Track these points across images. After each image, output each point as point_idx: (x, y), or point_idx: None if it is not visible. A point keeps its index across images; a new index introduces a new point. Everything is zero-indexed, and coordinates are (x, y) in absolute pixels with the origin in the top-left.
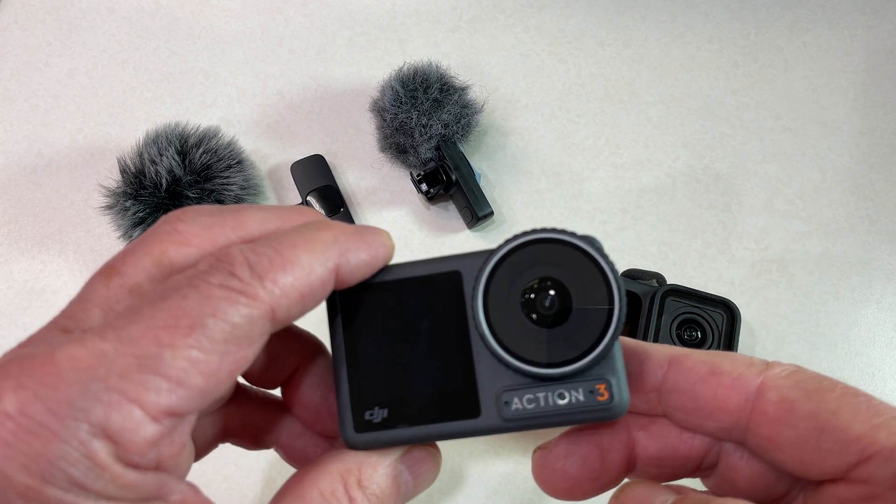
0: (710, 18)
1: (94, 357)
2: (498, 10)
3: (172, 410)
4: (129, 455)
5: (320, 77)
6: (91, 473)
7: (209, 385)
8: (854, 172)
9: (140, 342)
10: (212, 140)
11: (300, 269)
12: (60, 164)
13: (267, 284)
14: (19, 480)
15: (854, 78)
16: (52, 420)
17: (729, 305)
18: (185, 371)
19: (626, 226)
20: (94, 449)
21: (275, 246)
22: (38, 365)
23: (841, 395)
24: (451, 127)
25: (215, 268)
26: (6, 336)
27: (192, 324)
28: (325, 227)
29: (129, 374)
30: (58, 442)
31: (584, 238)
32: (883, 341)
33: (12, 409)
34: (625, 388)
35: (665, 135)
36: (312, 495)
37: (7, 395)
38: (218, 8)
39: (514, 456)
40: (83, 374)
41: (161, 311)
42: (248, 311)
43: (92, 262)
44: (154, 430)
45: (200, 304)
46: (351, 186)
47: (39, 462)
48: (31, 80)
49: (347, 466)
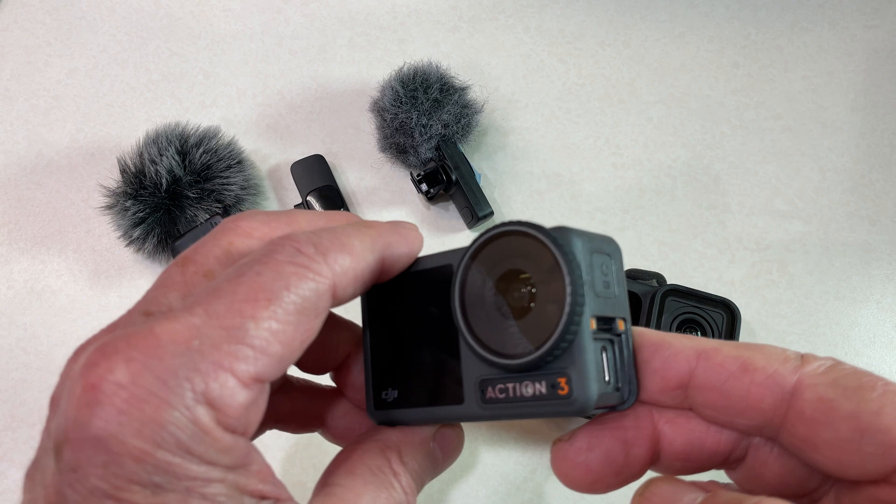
0: (710, 18)
1: (189, 330)
2: (498, 10)
3: (259, 377)
4: (228, 419)
5: (320, 77)
6: (196, 437)
7: (286, 353)
8: (854, 172)
9: (226, 315)
10: (212, 140)
11: (355, 253)
12: (60, 164)
13: (329, 261)
14: (134, 445)
15: (854, 78)
16: (162, 388)
17: (729, 305)
18: (267, 340)
19: (626, 226)
20: (199, 414)
21: (332, 231)
22: (141, 340)
23: (882, 393)
24: (451, 127)
25: (282, 246)
26: (6, 336)
27: (270, 297)
28: (370, 223)
29: (221, 344)
30: (167, 408)
31: (547, 229)
32: (883, 341)
33: (125, 380)
34: (590, 383)
35: (665, 135)
36: (362, 470)
37: (118, 366)
38: (218, 8)
39: (515, 456)
40: (182, 346)
41: (240, 286)
42: (315, 284)
43: (92, 262)
44: (246, 395)
45: (273, 279)
46: (351, 186)
47: (152, 427)
48: (31, 80)
49: (389, 444)
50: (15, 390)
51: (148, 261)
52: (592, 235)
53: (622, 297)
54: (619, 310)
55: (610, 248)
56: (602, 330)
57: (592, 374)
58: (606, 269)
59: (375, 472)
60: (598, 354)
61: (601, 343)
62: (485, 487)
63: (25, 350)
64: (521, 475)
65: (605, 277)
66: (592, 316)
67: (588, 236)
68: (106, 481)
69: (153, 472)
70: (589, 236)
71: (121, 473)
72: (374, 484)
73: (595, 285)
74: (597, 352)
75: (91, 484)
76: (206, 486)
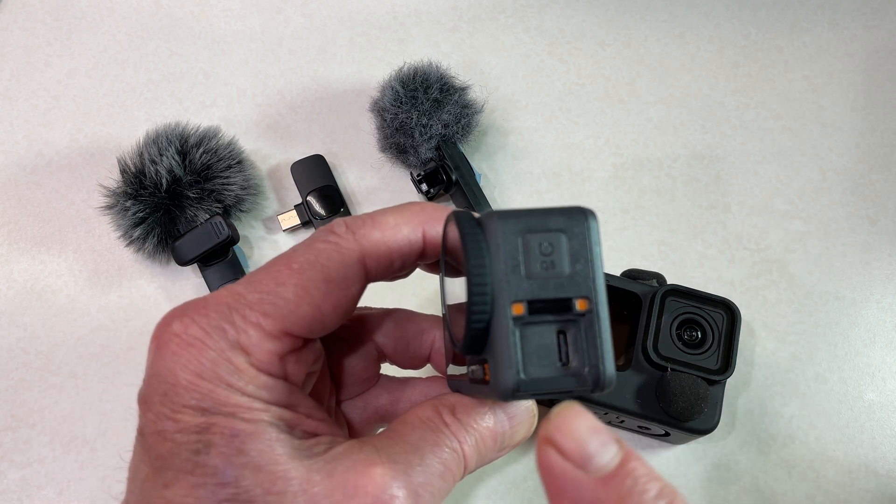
0: (710, 18)
1: (231, 296)
2: (498, 10)
3: (287, 331)
4: (259, 362)
5: (320, 77)
6: (234, 374)
7: (316, 315)
8: (854, 172)
9: (263, 282)
10: (212, 140)
11: (387, 227)
12: (60, 164)
13: (358, 236)
14: (183, 377)
15: (854, 78)
16: (205, 336)
17: (729, 305)
18: (294, 303)
19: (626, 226)
20: (232, 356)
21: (370, 213)
22: (196, 303)
23: None
24: (451, 127)
25: (322, 230)
26: (6, 336)
27: (300, 267)
28: (418, 203)
29: (254, 304)
30: (208, 351)
31: (467, 215)
32: (883, 341)
33: (178, 330)
34: (504, 371)
35: (665, 135)
36: (413, 420)
37: (175, 321)
38: (218, 8)
39: (514, 455)
40: (223, 307)
41: (278, 261)
42: (340, 256)
43: (92, 262)
44: (275, 345)
45: (305, 253)
46: (351, 186)
47: (196, 364)
48: (31, 80)
49: (443, 402)
50: (15, 390)
51: (148, 261)
52: (533, 213)
53: (583, 274)
54: (576, 289)
55: (563, 223)
56: (542, 312)
57: (505, 361)
58: (549, 248)
59: (426, 421)
60: (518, 341)
61: (550, 327)
62: (484, 487)
63: (25, 350)
64: (520, 474)
65: (547, 257)
66: (518, 301)
67: (523, 215)
68: (166, 406)
69: (201, 399)
70: (525, 215)
71: (177, 400)
72: (422, 429)
73: (527, 267)
74: (519, 338)
75: (156, 409)
76: (248, 413)
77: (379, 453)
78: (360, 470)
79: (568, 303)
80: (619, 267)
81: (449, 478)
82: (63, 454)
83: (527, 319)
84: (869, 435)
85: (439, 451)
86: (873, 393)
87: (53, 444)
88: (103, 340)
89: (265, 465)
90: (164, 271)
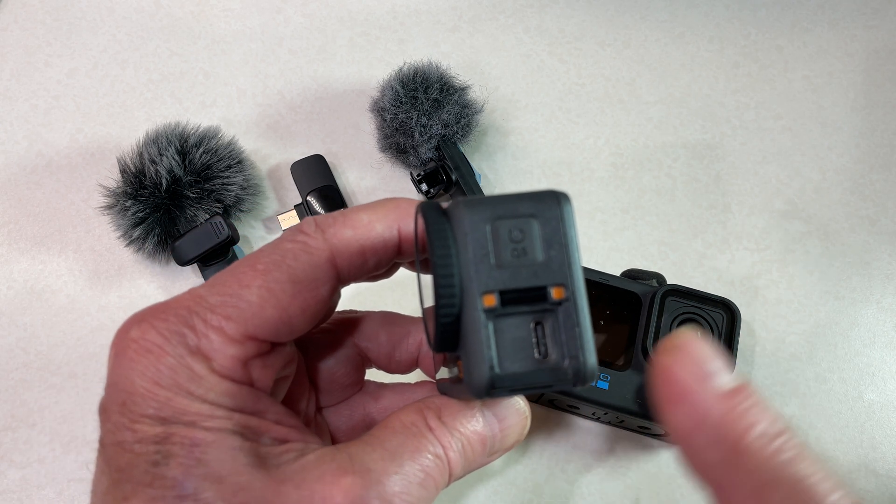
0: (710, 18)
1: (193, 299)
2: (498, 10)
3: (251, 334)
4: (221, 368)
5: (320, 77)
6: (193, 381)
7: (282, 317)
8: (854, 172)
9: (226, 284)
10: (212, 140)
11: (360, 224)
12: (60, 164)
13: (328, 235)
14: (141, 385)
15: (854, 78)
16: (163, 342)
17: (729, 305)
18: (258, 305)
19: (626, 226)
20: (192, 362)
21: (343, 211)
22: (154, 308)
23: None
24: (451, 127)
25: (291, 230)
26: (6, 336)
27: (265, 268)
28: (393, 199)
29: (216, 308)
30: (167, 357)
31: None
32: (883, 341)
33: (136, 336)
34: (477, 366)
35: (665, 135)
36: (395, 425)
37: (133, 327)
38: (218, 8)
39: (515, 455)
40: (183, 310)
41: (243, 263)
42: (308, 256)
43: (92, 262)
44: (237, 350)
45: (271, 254)
46: (351, 186)
47: (154, 371)
48: (31, 80)
49: (428, 405)
50: (15, 390)
51: (148, 261)
52: (502, 199)
53: (557, 261)
54: (551, 276)
55: (534, 208)
56: (516, 303)
57: (478, 356)
58: (520, 235)
59: (408, 425)
60: (491, 334)
61: (525, 318)
62: (484, 487)
63: (25, 350)
64: (520, 474)
65: (518, 244)
66: (489, 291)
67: (492, 202)
68: (124, 416)
69: (159, 408)
70: (493, 201)
71: (134, 409)
72: (404, 434)
73: (497, 256)
74: (493, 332)
75: (114, 420)
76: (208, 421)
77: (353, 461)
78: (328, 480)
79: (543, 291)
80: (619, 267)
81: (430, 485)
82: (63, 454)
83: (500, 311)
84: (869, 435)
85: (420, 457)
86: (873, 393)
87: (53, 444)
88: (103, 340)
89: (226, 475)
90: (164, 271)
